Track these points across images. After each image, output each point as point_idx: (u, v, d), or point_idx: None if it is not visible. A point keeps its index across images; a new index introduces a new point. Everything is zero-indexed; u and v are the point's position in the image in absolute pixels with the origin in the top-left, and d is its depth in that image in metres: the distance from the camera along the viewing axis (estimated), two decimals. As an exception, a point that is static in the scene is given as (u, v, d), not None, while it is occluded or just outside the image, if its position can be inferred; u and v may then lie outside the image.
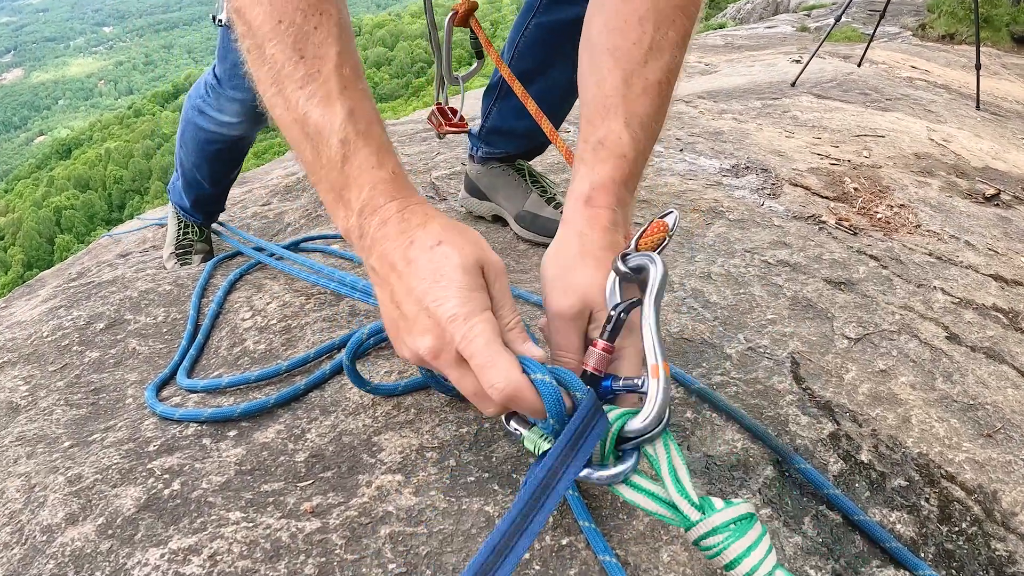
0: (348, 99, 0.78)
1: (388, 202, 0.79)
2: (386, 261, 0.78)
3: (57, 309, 1.92)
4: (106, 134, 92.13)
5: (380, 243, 0.79)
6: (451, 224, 0.81)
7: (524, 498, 0.67)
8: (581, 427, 0.73)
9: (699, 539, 0.70)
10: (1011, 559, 1.07)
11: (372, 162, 0.79)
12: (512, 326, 0.81)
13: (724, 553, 0.68)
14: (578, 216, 0.90)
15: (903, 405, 1.37)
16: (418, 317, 0.76)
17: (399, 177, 0.82)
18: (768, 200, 2.38)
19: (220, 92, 1.80)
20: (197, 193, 2.15)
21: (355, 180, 0.79)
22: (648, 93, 0.93)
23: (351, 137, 0.77)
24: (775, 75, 5.10)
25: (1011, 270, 2.12)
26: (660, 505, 0.73)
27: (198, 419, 1.24)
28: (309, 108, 0.77)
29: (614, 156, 0.91)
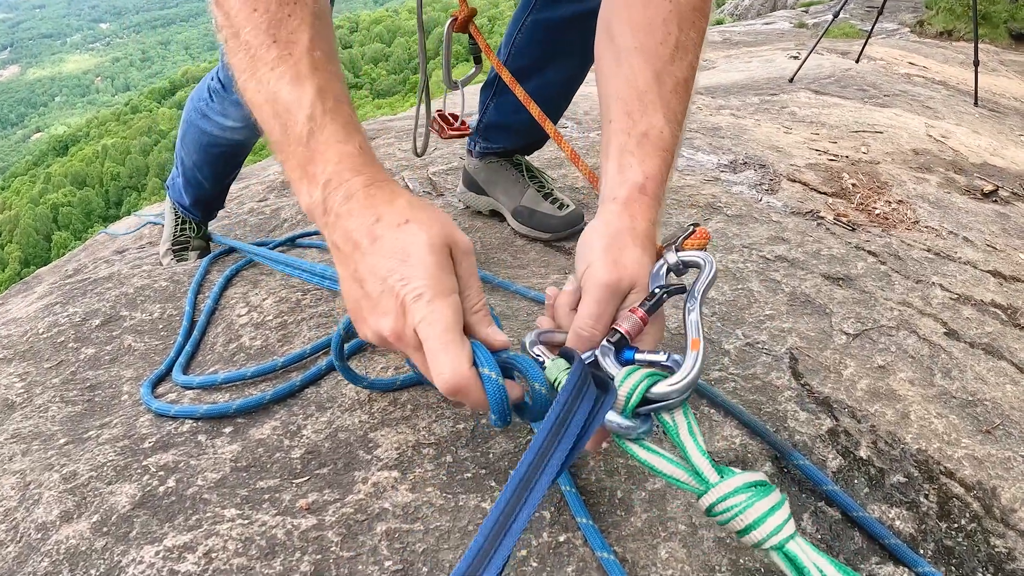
0: (318, 78, 0.78)
1: (353, 176, 0.78)
2: (350, 237, 0.77)
3: (53, 306, 1.91)
4: (103, 131, 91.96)
5: (344, 219, 0.77)
6: (418, 202, 0.80)
7: (506, 494, 0.65)
8: (566, 407, 0.71)
9: (716, 502, 0.67)
10: (1010, 556, 1.07)
11: (339, 136, 0.78)
12: (477, 308, 0.80)
13: (741, 516, 0.65)
14: (635, 201, 0.90)
15: (902, 401, 1.37)
16: (381, 297, 0.75)
17: (366, 152, 0.81)
18: (766, 196, 2.38)
19: (225, 97, 1.79)
20: (197, 192, 2.14)
21: (320, 155, 0.78)
22: (678, 91, 0.95)
23: (318, 113, 0.78)
24: (773, 71, 5.09)
25: (1009, 266, 2.12)
26: (676, 467, 0.71)
27: (193, 416, 1.23)
28: (279, 87, 0.78)
29: (659, 150, 0.92)
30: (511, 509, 0.64)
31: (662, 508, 1.03)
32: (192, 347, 1.54)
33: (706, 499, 0.68)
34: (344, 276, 0.80)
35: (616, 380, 0.75)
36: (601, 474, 1.08)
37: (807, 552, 0.64)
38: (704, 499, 0.69)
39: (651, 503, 1.03)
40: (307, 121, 0.77)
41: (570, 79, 1.87)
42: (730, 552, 0.97)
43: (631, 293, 0.86)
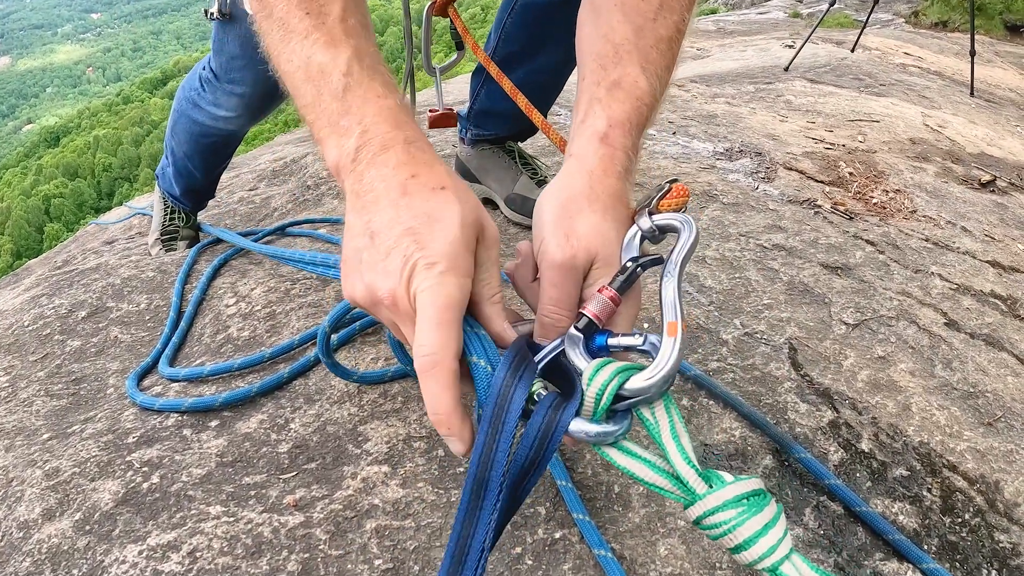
0: (353, 42, 0.75)
1: (393, 130, 0.72)
2: (375, 187, 0.70)
3: (39, 298, 1.87)
4: (94, 122, 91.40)
5: (376, 167, 0.71)
6: (457, 176, 0.73)
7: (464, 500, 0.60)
8: (501, 393, 0.63)
9: (704, 515, 0.59)
10: (1015, 551, 1.05)
11: (377, 91, 0.74)
12: (495, 299, 0.73)
13: (733, 533, 0.57)
14: (591, 154, 0.79)
15: (903, 392, 1.35)
16: (391, 255, 0.67)
17: (406, 111, 0.76)
18: (762, 184, 2.35)
19: (217, 87, 1.75)
20: (188, 182, 2.11)
21: (357, 108, 0.73)
22: (659, 47, 0.87)
23: (355, 70, 0.74)
24: (768, 60, 5.06)
25: (1008, 256, 2.10)
26: (659, 475, 0.62)
27: (178, 409, 1.20)
28: (313, 51, 0.75)
29: (632, 98, 0.82)
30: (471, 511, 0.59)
31: (661, 504, 1.00)
32: (179, 339, 1.50)
33: (693, 511, 0.60)
34: (354, 225, 0.71)
35: (583, 378, 0.64)
36: (598, 468, 1.05)
37: (804, 572, 0.58)
38: (690, 511, 0.60)
39: (649, 498, 1.01)
40: (343, 77, 0.73)
41: (561, 65, 1.84)
42: (730, 548, 0.95)
43: (593, 268, 0.75)
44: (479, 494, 0.60)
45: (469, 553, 0.58)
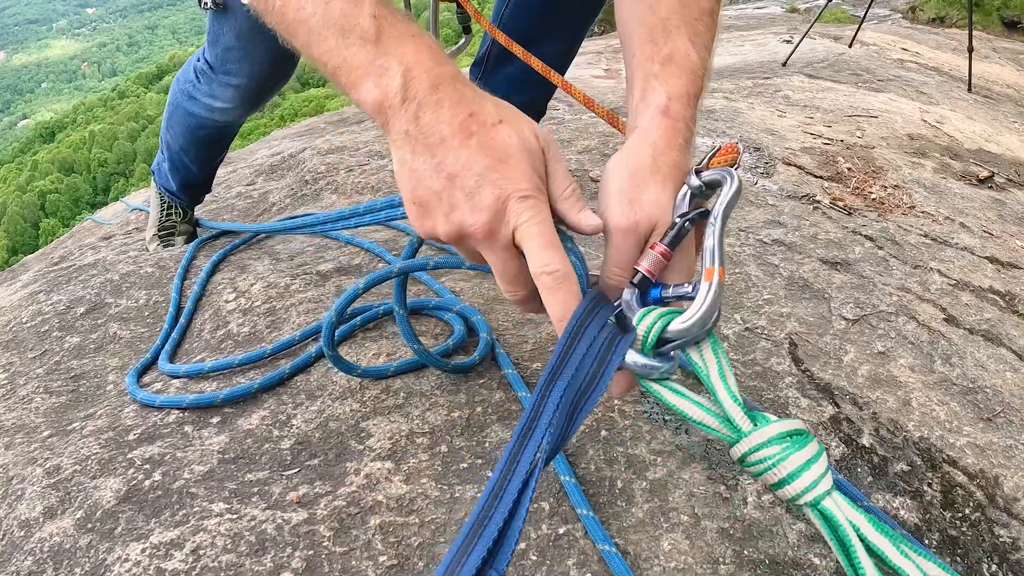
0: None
1: (438, 67, 0.72)
2: (437, 129, 0.71)
3: (37, 294, 1.87)
4: (90, 117, 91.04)
5: (432, 108, 0.71)
6: (506, 104, 0.76)
7: (522, 420, 0.61)
8: (578, 322, 0.68)
9: (750, 451, 0.62)
10: (1015, 545, 1.05)
11: (413, 30, 0.73)
12: (567, 195, 0.76)
13: (776, 468, 0.60)
14: (656, 127, 0.83)
15: (903, 388, 1.35)
16: (480, 192, 0.70)
17: (442, 51, 0.75)
18: (762, 179, 2.35)
19: (212, 78, 1.74)
20: (184, 177, 2.10)
21: (396, 47, 0.72)
22: (704, 20, 0.90)
23: (383, 12, 0.72)
24: (765, 55, 5.06)
25: (1006, 252, 2.10)
26: (707, 413, 0.65)
27: (179, 405, 1.20)
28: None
29: (686, 71, 0.85)
30: (518, 447, 0.61)
31: (664, 498, 1.00)
32: (179, 335, 1.50)
33: (737, 449, 0.63)
34: (421, 168, 0.73)
35: (633, 321, 0.70)
36: (601, 463, 1.05)
37: (844, 509, 0.58)
38: (735, 449, 0.63)
39: (652, 493, 1.01)
40: (372, 19, 0.71)
41: (563, 53, 1.83)
42: (734, 543, 0.95)
43: (653, 234, 0.79)
44: (538, 408, 0.62)
45: (518, 466, 0.59)
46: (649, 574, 0.90)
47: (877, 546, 0.57)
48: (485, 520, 0.56)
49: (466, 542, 0.55)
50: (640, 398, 1.20)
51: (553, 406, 0.62)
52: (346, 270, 1.69)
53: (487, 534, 0.55)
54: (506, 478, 0.59)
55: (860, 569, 0.56)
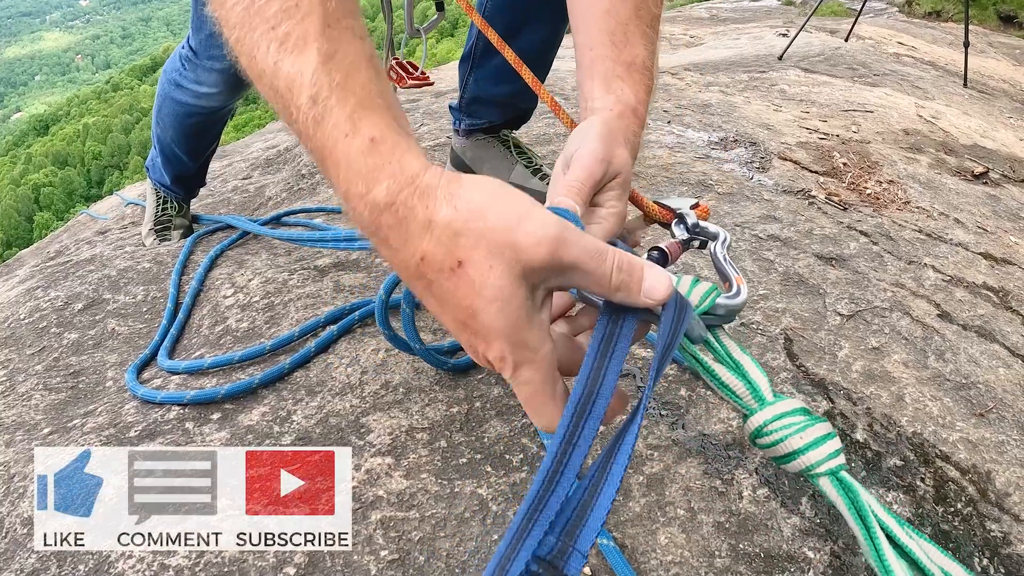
0: (327, 40, 0.60)
1: (370, 189, 0.57)
2: (398, 269, 0.60)
3: (35, 290, 1.87)
4: (84, 109, 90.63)
5: (385, 249, 0.59)
6: (467, 217, 0.55)
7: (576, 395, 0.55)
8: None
9: (773, 419, 0.63)
10: (1006, 540, 1.06)
11: (346, 128, 0.58)
12: (618, 281, 0.59)
13: (802, 433, 0.61)
14: (627, 119, 0.86)
15: (896, 383, 1.36)
16: (462, 342, 0.61)
17: (382, 145, 0.58)
18: (757, 174, 2.36)
19: (197, 64, 1.76)
20: (177, 169, 2.10)
21: (330, 154, 0.59)
22: (653, 25, 0.95)
23: (323, 93, 0.58)
24: (761, 48, 5.06)
25: (1000, 248, 2.11)
26: (736, 377, 0.66)
27: (180, 402, 1.21)
28: (280, 57, 0.59)
29: (645, 79, 0.91)
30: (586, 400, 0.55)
31: (660, 493, 1.01)
32: (177, 330, 1.51)
33: (760, 416, 0.63)
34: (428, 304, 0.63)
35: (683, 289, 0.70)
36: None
37: (855, 486, 0.60)
38: (759, 416, 0.63)
39: (649, 488, 1.02)
40: (310, 105, 0.59)
41: (546, 42, 1.84)
42: (730, 537, 0.96)
43: (611, 180, 0.79)
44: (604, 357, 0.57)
45: (598, 397, 0.55)
46: (646, 567, 0.91)
47: (886, 524, 0.58)
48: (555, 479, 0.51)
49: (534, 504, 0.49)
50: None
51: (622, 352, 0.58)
52: (344, 265, 1.69)
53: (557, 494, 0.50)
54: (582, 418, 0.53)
55: (877, 539, 0.57)
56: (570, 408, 0.55)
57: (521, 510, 0.49)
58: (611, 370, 0.57)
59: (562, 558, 0.48)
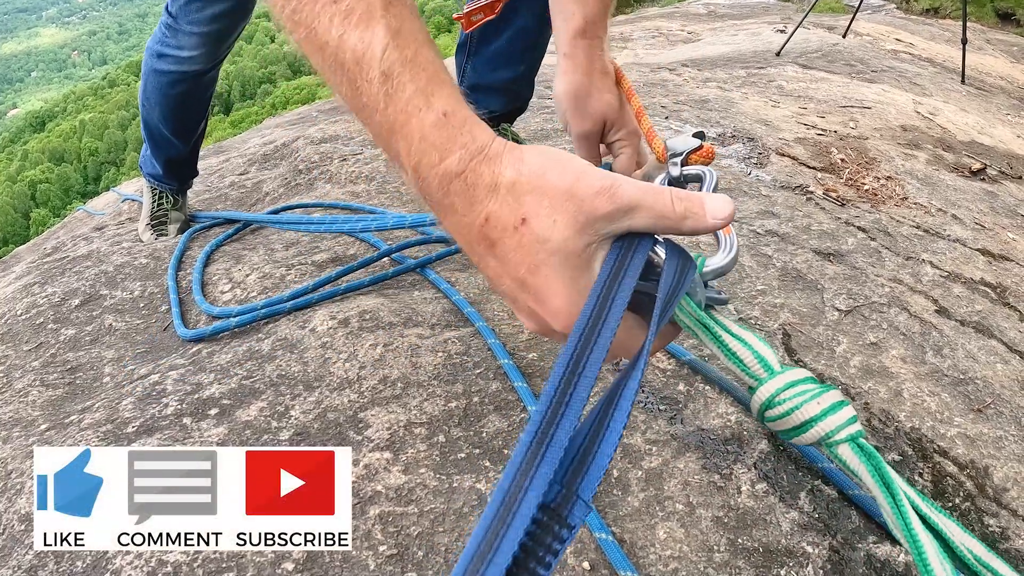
0: (393, 16, 0.59)
1: (440, 161, 0.59)
2: (462, 235, 0.61)
3: (31, 286, 1.87)
4: (80, 105, 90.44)
5: (448, 213, 0.60)
6: (535, 173, 0.57)
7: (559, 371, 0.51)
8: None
9: (785, 387, 0.58)
10: (1004, 535, 1.07)
11: (419, 102, 0.59)
12: (682, 211, 0.59)
13: (820, 399, 0.57)
14: (578, 49, 1.00)
15: (895, 378, 1.36)
16: (521, 314, 0.63)
17: (453, 118, 0.60)
18: (755, 169, 2.36)
19: (177, 28, 1.82)
20: (167, 154, 2.11)
21: (402, 127, 0.59)
22: None
23: (396, 68, 0.59)
24: (759, 44, 5.06)
25: (998, 245, 2.12)
26: (744, 347, 0.62)
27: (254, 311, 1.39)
28: (345, 30, 0.59)
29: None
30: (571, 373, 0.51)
31: (659, 487, 1.01)
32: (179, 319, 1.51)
33: (772, 384, 0.59)
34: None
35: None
36: (596, 454, 1.06)
37: (871, 452, 0.57)
38: (770, 384, 0.59)
39: (648, 482, 1.02)
40: (382, 81, 0.59)
41: (541, 22, 1.85)
42: (728, 532, 0.96)
43: (608, 130, 1.02)
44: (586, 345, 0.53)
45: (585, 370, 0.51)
46: (645, 562, 0.91)
47: (908, 494, 0.55)
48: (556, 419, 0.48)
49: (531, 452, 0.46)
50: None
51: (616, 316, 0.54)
52: (341, 260, 1.69)
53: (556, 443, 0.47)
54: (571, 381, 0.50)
55: (903, 508, 0.54)
56: (575, 336, 0.53)
57: (523, 443, 0.46)
58: (618, 300, 0.55)
59: (566, 506, 0.46)
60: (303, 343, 1.33)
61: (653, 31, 5.89)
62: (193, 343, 1.43)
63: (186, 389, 1.24)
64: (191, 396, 1.21)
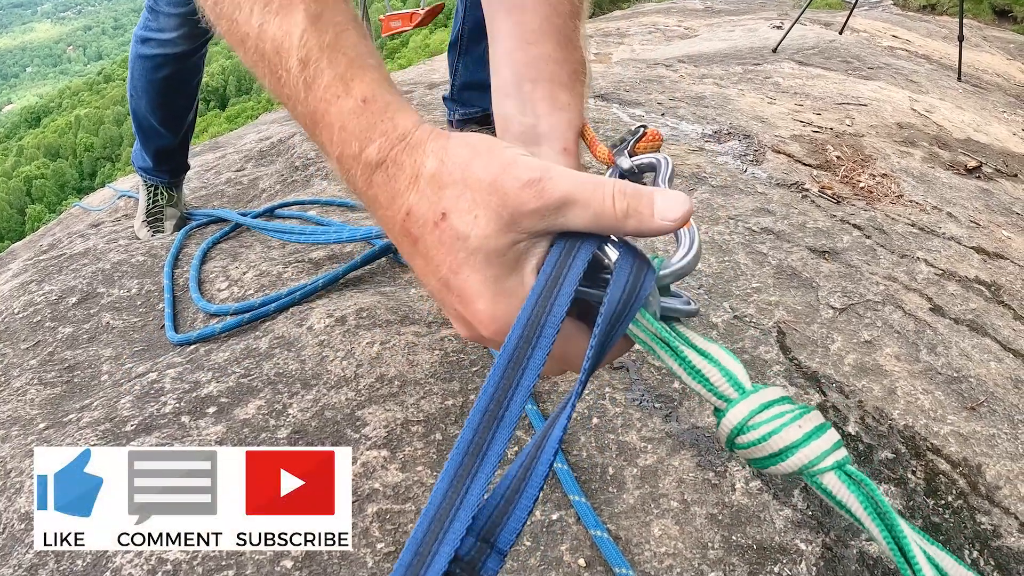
0: (314, 1, 0.57)
1: (361, 151, 0.55)
2: (387, 228, 0.57)
3: (28, 284, 1.87)
4: (75, 101, 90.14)
5: (379, 210, 0.57)
6: (452, 168, 0.53)
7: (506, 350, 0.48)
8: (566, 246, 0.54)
9: (752, 413, 0.50)
10: (996, 532, 1.08)
11: (337, 89, 0.56)
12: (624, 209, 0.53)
13: (785, 431, 0.48)
14: (573, 152, 0.76)
15: (888, 376, 1.37)
16: (447, 316, 0.60)
17: (373, 104, 0.56)
18: (751, 166, 2.37)
19: (159, 11, 1.85)
20: (156, 145, 2.11)
21: (323, 116, 0.57)
22: (584, 22, 0.80)
23: (313, 55, 0.56)
24: (756, 40, 5.06)
25: (993, 243, 2.13)
26: (711, 365, 0.53)
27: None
28: (265, 18, 0.57)
29: (584, 87, 0.78)
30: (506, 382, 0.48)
31: (654, 485, 1.02)
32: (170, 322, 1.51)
33: (744, 406, 0.51)
34: None
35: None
36: (592, 450, 1.07)
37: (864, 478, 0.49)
38: (740, 407, 0.51)
39: (643, 479, 1.03)
40: (300, 68, 0.57)
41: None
42: (723, 529, 0.97)
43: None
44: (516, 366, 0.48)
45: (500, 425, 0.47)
46: (640, 559, 0.92)
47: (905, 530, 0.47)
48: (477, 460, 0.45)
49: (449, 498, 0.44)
50: (630, 387, 1.22)
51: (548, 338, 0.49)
52: (338, 258, 1.69)
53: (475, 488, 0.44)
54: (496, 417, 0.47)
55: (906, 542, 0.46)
56: (501, 361, 0.48)
57: (437, 492, 0.44)
58: (553, 315, 0.49)
59: (480, 559, 0.44)
60: (300, 341, 1.34)
61: (650, 27, 5.88)
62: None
63: (184, 387, 1.24)
64: (189, 394, 1.22)
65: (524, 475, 0.46)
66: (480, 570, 0.43)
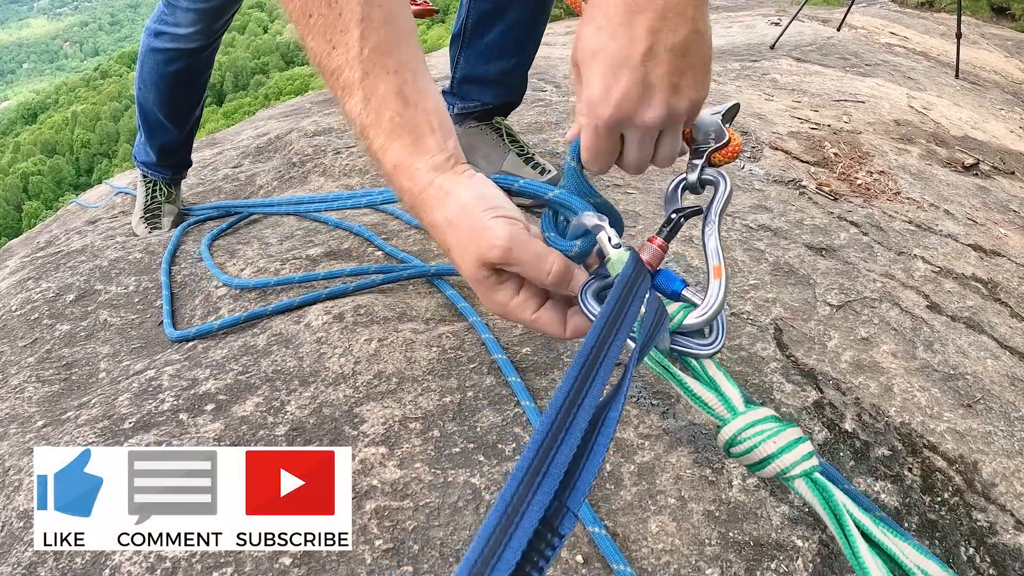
0: (365, 88, 0.78)
1: (401, 195, 0.81)
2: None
3: (25, 281, 1.87)
4: (72, 97, 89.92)
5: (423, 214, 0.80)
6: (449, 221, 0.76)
7: (572, 375, 0.57)
8: (627, 287, 0.68)
9: (747, 427, 0.67)
10: (992, 529, 1.08)
11: (380, 155, 0.80)
12: (551, 278, 0.77)
13: (776, 438, 0.65)
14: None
15: (885, 374, 1.37)
16: None
17: (400, 168, 0.79)
18: (749, 163, 2.37)
19: (176, 5, 1.85)
20: (162, 139, 2.11)
21: (380, 166, 0.81)
22: None
23: (367, 130, 0.79)
24: (753, 37, 5.06)
25: (990, 240, 2.13)
26: (708, 390, 0.70)
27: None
28: (344, 97, 0.80)
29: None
30: (578, 389, 0.56)
31: (651, 481, 1.03)
32: (168, 318, 1.51)
33: (733, 425, 0.67)
34: None
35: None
36: (589, 449, 1.07)
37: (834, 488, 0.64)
38: (730, 426, 0.68)
39: (640, 476, 1.03)
40: (361, 135, 0.80)
41: (536, 15, 1.86)
42: (720, 526, 0.97)
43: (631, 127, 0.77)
44: (589, 373, 0.58)
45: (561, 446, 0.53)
46: (638, 555, 0.93)
47: (861, 522, 0.62)
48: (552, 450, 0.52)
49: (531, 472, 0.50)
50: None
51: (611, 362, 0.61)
52: (335, 254, 1.69)
53: (559, 462, 0.51)
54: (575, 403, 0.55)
55: (852, 537, 0.61)
56: (575, 367, 0.58)
57: (526, 459, 0.50)
58: (614, 346, 0.61)
59: (558, 517, 0.50)
60: (298, 338, 1.34)
61: (648, 24, 5.87)
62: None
63: (182, 385, 1.24)
64: (187, 392, 1.22)
65: (586, 446, 0.54)
66: (559, 527, 0.49)
